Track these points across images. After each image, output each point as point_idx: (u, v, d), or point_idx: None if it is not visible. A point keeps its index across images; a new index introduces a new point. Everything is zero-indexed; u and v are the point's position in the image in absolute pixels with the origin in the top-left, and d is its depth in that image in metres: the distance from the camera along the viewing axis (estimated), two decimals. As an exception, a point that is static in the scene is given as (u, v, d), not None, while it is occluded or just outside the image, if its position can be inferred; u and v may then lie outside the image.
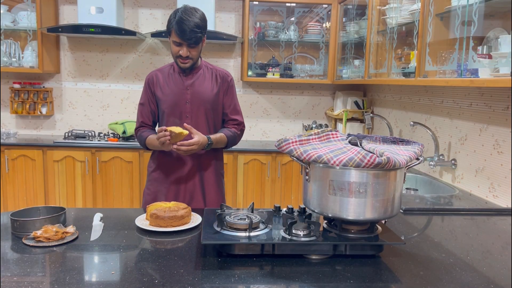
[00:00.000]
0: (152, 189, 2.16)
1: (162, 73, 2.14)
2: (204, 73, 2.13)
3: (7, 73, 3.95)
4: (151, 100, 2.14)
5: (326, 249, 1.32)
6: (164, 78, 2.12)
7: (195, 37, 1.95)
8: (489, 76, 1.71)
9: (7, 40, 3.70)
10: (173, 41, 1.99)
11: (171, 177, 2.13)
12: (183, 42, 1.96)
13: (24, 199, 3.57)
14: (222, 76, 2.16)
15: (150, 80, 2.14)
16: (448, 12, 2.07)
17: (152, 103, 2.14)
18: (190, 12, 1.95)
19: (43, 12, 3.67)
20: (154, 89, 2.13)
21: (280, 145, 1.38)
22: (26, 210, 1.58)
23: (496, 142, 2.08)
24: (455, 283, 1.18)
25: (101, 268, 1.25)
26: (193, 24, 1.93)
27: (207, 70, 2.16)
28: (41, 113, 3.95)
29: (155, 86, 2.12)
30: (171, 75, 2.12)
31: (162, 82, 2.12)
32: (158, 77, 2.13)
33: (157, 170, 2.16)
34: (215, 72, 2.16)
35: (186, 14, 1.93)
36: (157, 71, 2.16)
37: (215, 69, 2.18)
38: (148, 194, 2.17)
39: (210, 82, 2.13)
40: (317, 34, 3.93)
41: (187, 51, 1.98)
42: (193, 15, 1.95)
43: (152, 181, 2.17)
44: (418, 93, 2.89)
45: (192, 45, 1.98)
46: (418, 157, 1.37)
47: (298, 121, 4.24)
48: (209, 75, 2.15)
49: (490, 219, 1.83)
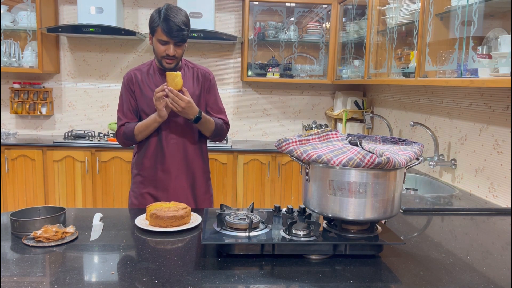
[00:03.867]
0: (137, 192, 2.10)
1: (140, 73, 2.06)
2: (185, 73, 2.07)
3: (7, 73, 3.95)
4: (132, 100, 2.05)
5: (326, 249, 1.32)
6: (144, 78, 2.05)
7: (182, 35, 1.90)
8: (489, 76, 1.71)
9: (7, 40, 3.70)
10: (159, 40, 1.92)
11: (158, 178, 2.06)
12: (170, 40, 1.90)
13: (24, 199, 3.57)
14: (203, 75, 2.10)
15: (130, 80, 2.05)
16: (448, 12, 2.07)
17: (134, 104, 2.06)
18: (175, 10, 1.91)
19: (43, 12, 3.67)
20: (134, 89, 2.05)
21: (280, 145, 1.38)
22: (26, 210, 1.58)
23: (496, 142, 2.08)
24: (455, 283, 1.18)
25: (101, 268, 1.25)
26: (180, 21, 1.88)
27: (188, 69, 2.09)
28: (41, 113, 3.95)
29: (135, 85, 2.04)
30: (151, 75, 2.05)
31: (141, 82, 2.04)
32: (138, 77, 2.05)
33: (141, 172, 2.09)
34: (196, 71, 2.10)
35: (172, 12, 1.89)
36: (135, 70, 2.07)
37: (196, 67, 2.12)
38: (134, 197, 2.11)
39: (192, 82, 2.07)
40: (317, 34, 3.93)
41: (174, 50, 1.93)
42: (179, 13, 1.91)
43: (137, 183, 2.10)
44: (418, 93, 2.89)
45: (179, 44, 1.93)
46: (418, 157, 1.37)
47: (298, 121, 4.24)
48: (190, 74, 2.09)
49: (490, 219, 1.83)
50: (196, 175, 2.12)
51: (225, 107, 4.11)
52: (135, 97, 2.05)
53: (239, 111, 4.19)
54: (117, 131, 2.10)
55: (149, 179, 2.08)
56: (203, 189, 2.16)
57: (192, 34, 3.52)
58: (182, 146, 2.07)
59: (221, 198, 3.64)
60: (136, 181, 2.12)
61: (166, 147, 2.05)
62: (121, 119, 2.07)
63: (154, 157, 2.06)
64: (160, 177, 2.07)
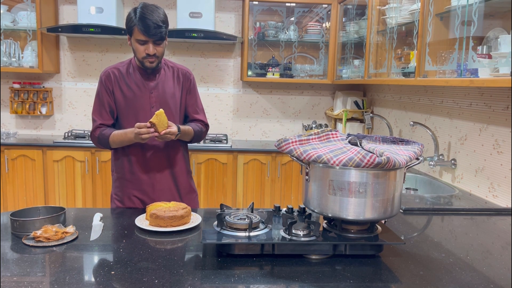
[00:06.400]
0: (120, 195, 2.05)
1: (119, 72, 1.98)
2: (165, 73, 2.02)
3: (7, 73, 3.95)
4: (109, 100, 1.97)
5: (326, 249, 1.32)
6: (123, 78, 1.97)
7: (160, 33, 1.85)
8: (489, 76, 1.71)
9: (7, 40, 3.70)
10: (137, 40, 1.86)
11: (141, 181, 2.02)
12: (149, 39, 1.84)
13: (24, 199, 3.56)
14: (184, 74, 2.06)
15: (108, 78, 1.97)
16: (448, 12, 2.07)
17: (111, 104, 1.98)
18: (152, 8, 1.85)
19: (43, 12, 3.67)
20: (112, 88, 1.97)
21: (280, 145, 1.38)
22: (26, 210, 1.58)
23: (496, 142, 2.08)
24: (455, 283, 1.18)
25: (100, 268, 1.25)
26: (157, 19, 1.83)
27: (167, 68, 2.04)
28: (41, 113, 3.95)
29: (114, 85, 1.97)
30: (131, 75, 1.98)
31: (121, 81, 1.97)
32: (116, 75, 1.97)
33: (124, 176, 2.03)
34: (176, 71, 2.05)
35: (147, 10, 1.83)
36: (113, 68, 1.99)
37: (176, 66, 2.07)
38: (118, 200, 2.06)
39: (172, 82, 2.03)
40: (317, 34, 3.93)
41: (153, 49, 1.87)
42: (155, 11, 1.85)
43: (120, 186, 2.05)
44: (418, 93, 2.89)
45: (158, 42, 1.87)
46: (418, 157, 1.37)
47: (298, 121, 4.24)
48: (171, 74, 2.04)
49: (490, 219, 1.83)
50: (179, 175, 2.09)
51: (225, 107, 4.16)
52: (114, 96, 1.98)
53: (239, 111, 4.19)
54: (91, 132, 2.00)
55: (132, 182, 2.02)
56: (187, 189, 2.13)
57: (192, 34, 3.53)
58: (163, 147, 2.02)
59: (221, 198, 3.64)
60: (118, 185, 2.06)
61: (147, 149, 2.00)
62: (95, 121, 1.99)
63: (136, 159, 2.01)
64: (143, 179, 2.02)
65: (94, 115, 2.00)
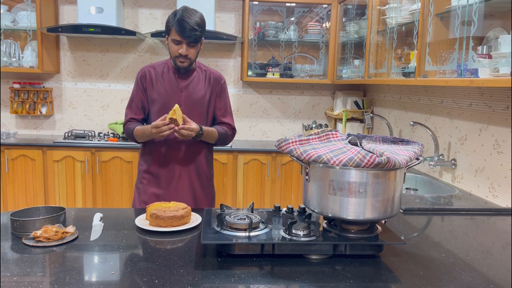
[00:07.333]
0: (141, 188, 2.16)
1: (155, 71, 2.11)
2: (198, 75, 2.14)
3: (7, 73, 3.95)
4: (142, 96, 2.12)
5: (326, 249, 1.32)
6: (158, 76, 2.10)
7: (194, 35, 1.97)
8: (489, 76, 1.71)
9: (7, 40, 3.70)
10: (173, 40, 2.00)
11: (162, 177, 2.13)
12: (183, 40, 1.97)
13: (24, 199, 3.56)
14: (215, 78, 2.17)
15: (143, 76, 2.11)
16: (448, 12, 2.07)
17: (143, 100, 2.12)
18: (191, 11, 1.99)
19: (43, 12, 3.67)
20: (146, 86, 2.10)
21: (280, 145, 1.38)
22: (26, 210, 1.58)
23: (496, 142, 2.08)
24: (455, 283, 1.18)
25: (101, 268, 1.25)
26: (193, 22, 1.95)
27: (201, 71, 2.16)
28: (41, 113, 3.95)
29: (148, 83, 2.10)
30: (165, 74, 2.11)
31: (155, 80, 2.10)
32: (151, 74, 2.10)
33: (149, 170, 2.15)
34: (208, 74, 2.16)
35: (186, 13, 1.97)
36: (150, 67, 2.13)
37: (209, 71, 2.18)
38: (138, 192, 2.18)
39: (203, 85, 2.14)
40: (317, 34, 3.93)
41: (186, 50, 1.99)
42: (194, 14, 1.99)
43: (141, 179, 2.17)
44: (418, 93, 2.89)
45: (192, 44, 2.00)
46: (418, 157, 1.37)
47: (298, 121, 4.24)
48: (203, 76, 2.15)
49: (490, 219, 1.83)
50: (199, 176, 2.17)
51: (225, 107, 4.15)
52: (146, 93, 2.11)
53: (239, 111, 4.19)
54: (123, 125, 2.17)
55: (153, 176, 2.14)
56: (205, 189, 2.20)
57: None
58: (186, 146, 2.11)
59: (221, 198, 3.64)
60: (141, 177, 2.18)
61: (171, 147, 2.10)
62: (126, 115, 2.15)
63: (158, 155, 2.12)
64: (163, 175, 2.12)
65: (127, 109, 2.17)
